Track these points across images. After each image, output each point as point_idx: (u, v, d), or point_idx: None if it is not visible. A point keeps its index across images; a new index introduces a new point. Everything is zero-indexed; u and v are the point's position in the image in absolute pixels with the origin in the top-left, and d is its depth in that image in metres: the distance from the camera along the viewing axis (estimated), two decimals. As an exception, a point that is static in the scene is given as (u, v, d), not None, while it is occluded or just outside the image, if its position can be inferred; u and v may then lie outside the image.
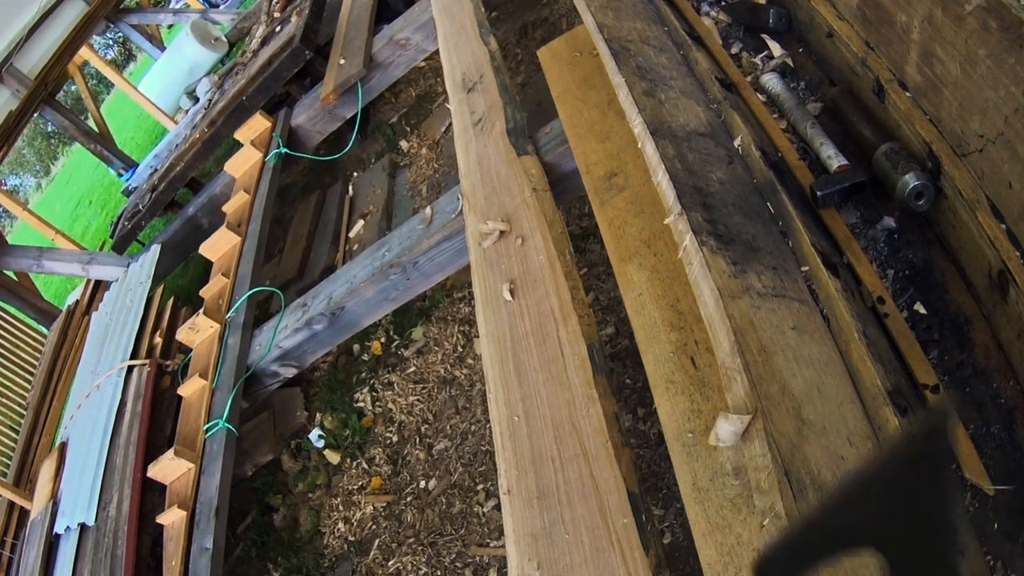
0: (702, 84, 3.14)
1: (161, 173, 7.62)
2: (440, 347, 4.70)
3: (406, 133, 6.86)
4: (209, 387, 4.50)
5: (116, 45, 33.39)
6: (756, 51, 3.45)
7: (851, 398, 1.98)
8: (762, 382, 1.90)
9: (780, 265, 2.33)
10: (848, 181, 2.61)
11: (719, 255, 2.24)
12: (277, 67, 6.42)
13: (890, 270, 2.45)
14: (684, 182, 2.48)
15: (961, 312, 2.27)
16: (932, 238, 2.46)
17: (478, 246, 3.24)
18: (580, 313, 2.66)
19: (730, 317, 2.03)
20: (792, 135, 2.96)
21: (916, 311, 2.34)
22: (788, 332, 2.10)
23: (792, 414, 1.86)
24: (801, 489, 1.70)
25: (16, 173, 37.81)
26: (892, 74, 2.65)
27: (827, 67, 3.11)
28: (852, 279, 2.42)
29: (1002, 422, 2.04)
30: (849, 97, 2.84)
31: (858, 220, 2.62)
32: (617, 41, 3.22)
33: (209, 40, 10.64)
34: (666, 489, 3.20)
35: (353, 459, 4.67)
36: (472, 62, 4.28)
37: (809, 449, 1.80)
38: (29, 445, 6.30)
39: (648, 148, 2.66)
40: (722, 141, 2.82)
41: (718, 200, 2.47)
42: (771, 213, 2.54)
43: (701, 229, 2.31)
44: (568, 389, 2.48)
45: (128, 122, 21.12)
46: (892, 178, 2.46)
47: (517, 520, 2.32)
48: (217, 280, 5.23)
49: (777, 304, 2.17)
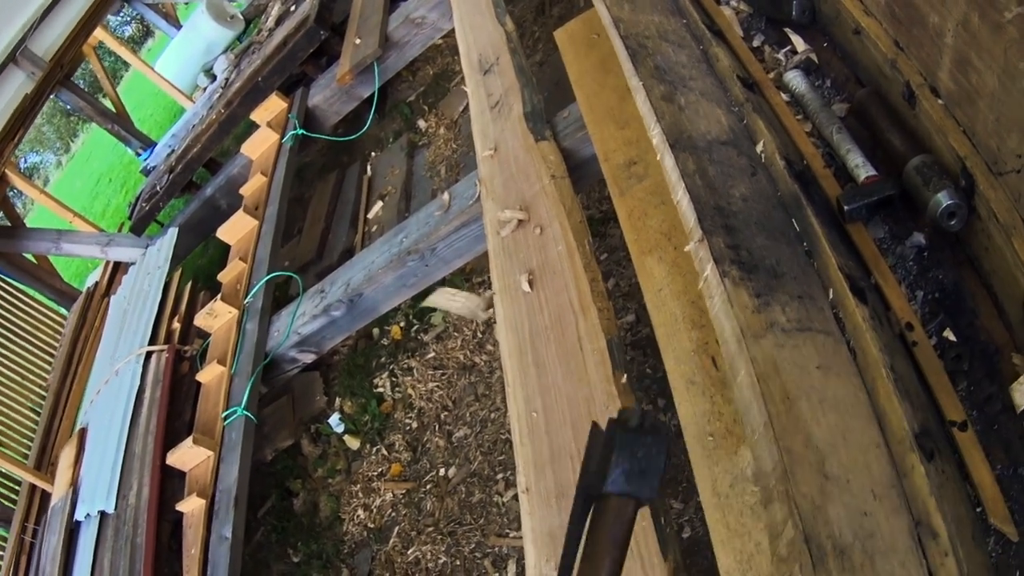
0: (723, 84, 3.02)
1: (179, 154, 7.61)
2: (460, 333, 4.67)
3: (424, 112, 6.79)
4: (228, 373, 4.50)
5: (133, 22, 33.38)
6: (779, 45, 3.34)
7: (876, 442, 1.89)
8: (785, 435, 1.81)
9: (805, 293, 2.22)
10: (876, 195, 2.47)
11: (741, 287, 2.14)
12: (292, 47, 6.38)
13: (919, 291, 2.35)
14: (705, 201, 2.38)
15: (992, 341, 2.16)
16: (964, 259, 2.33)
17: (496, 235, 3.20)
18: (600, 306, 2.61)
19: (753, 360, 1.95)
20: (817, 139, 2.84)
21: (946, 338, 2.24)
22: (813, 372, 2.01)
23: (815, 469, 1.78)
24: (822, 556, 1.63)
25: (36, 151, 37.92)
26: (923, 79, 2.50)
27: (854, 65, 2.96)
28: (880, 303, 2.34)
29: None
30: (877, 100, 2.71)
31: (886, 235, 2.51)
32: (634, 38, 3.12)
33: (225, 18, 10.61)
34: (686, 482, 3.15)
35: (373, 445, 4.65)
36: (488, 43, 4.21)
37: (832, 508, 1.72)
38: (50, 428, 6.33)
39: (667, 162, 2.55)
40: (744, 149, 2.71)
41: (740, 221, 2.36)
42: (796, 231, 2.42)
43: (723, 258, 2.21)
44: (587, 385, 2.44)
45: (146, 99, 21.08)
46: (924, 195, 2.33)
47: (535, 519, 2.29)
48: (235, 264, 5.21)
49: (802, 340, 2.06)
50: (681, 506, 3.13)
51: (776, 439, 1.79)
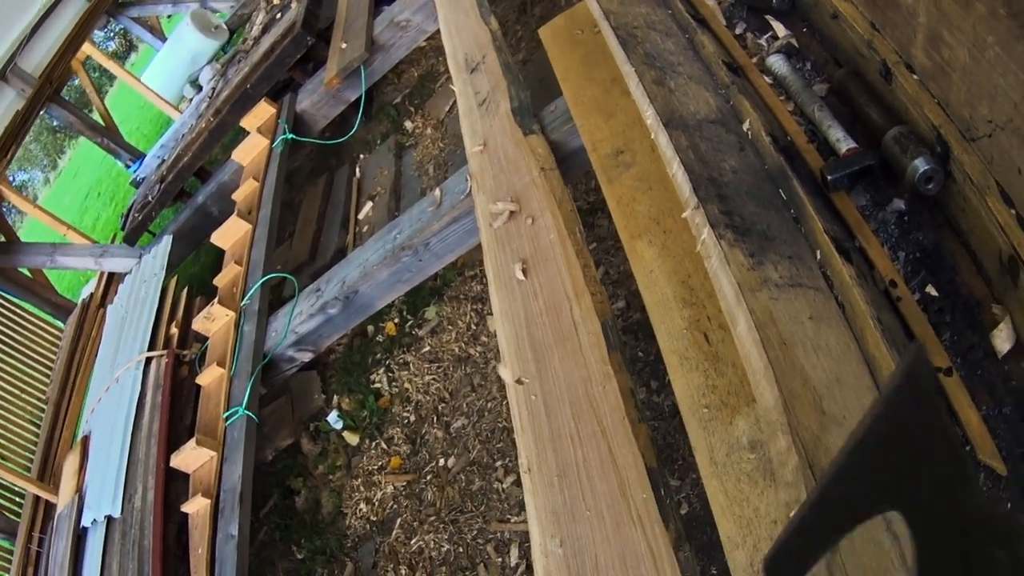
0: (709, 68, 3.14)
1: (169, 163, 7.66)
2: (454, 326, 4.74)
3: (410, 113, 6.86)
4: (227, 375, 4.55)
5: (116, 37, 33.34)
6: (761, 31, 3.45)
7: (869, 387, 2.01)
8: (784, 377, 1.93)
9: (795, 253, 2.35)
10: (857, 165, 2.61)
11: (736, 247, 2.27)
12: (280, 54, 6.44)
13: (901, 252, 2.46)
14: (699, 173, 2.50)
15: (972, 295, 2.28)
16: (942, 221, 2.46)
17: (489, 227, 3.27)
18: (592, 291, 2.68)
19: (751, 311, 2.06)
20: (800, 117, 2.96)
21: (928, 294, 2.35)
22: (806, 322, 2.13)
23: (814, 407, 1.89)
24: None
25: (24, 169, 37.86)
26: (899, 56, 2.63)
27: (833, 48, 3.09)
28: (864, 263, 2.44)
29: (1014, 404, 2.06)
30: (856, 79, 2.83)
31: (868, 202, 2.63)
32: (624, 28, 3.23)
33: (210, 28, 10.65)
34: (682, 460, 3.24)
35: (372, 440, 4.72)
36: (474, 42, 4.29)
37: (832, 441, 1.82)
38: (51, 439, 6.37)
39: (662, 140, 2.68)
40: (732, 127, 2.84)
41: (732, 190, 2.49)
42: (783, 200, 2.55)
43: (718, 222, 2.33)
44: (584, 366, 2.51)
45: (133, 113, 21.11)
46: (902, 162, 2.46)
47: (539, 498, 2.36)
48: (230, 268, 5.27)
49: (794, 294, 2.19)
50: (678, 483, 3.21)
51: (776, 379, 1.90)
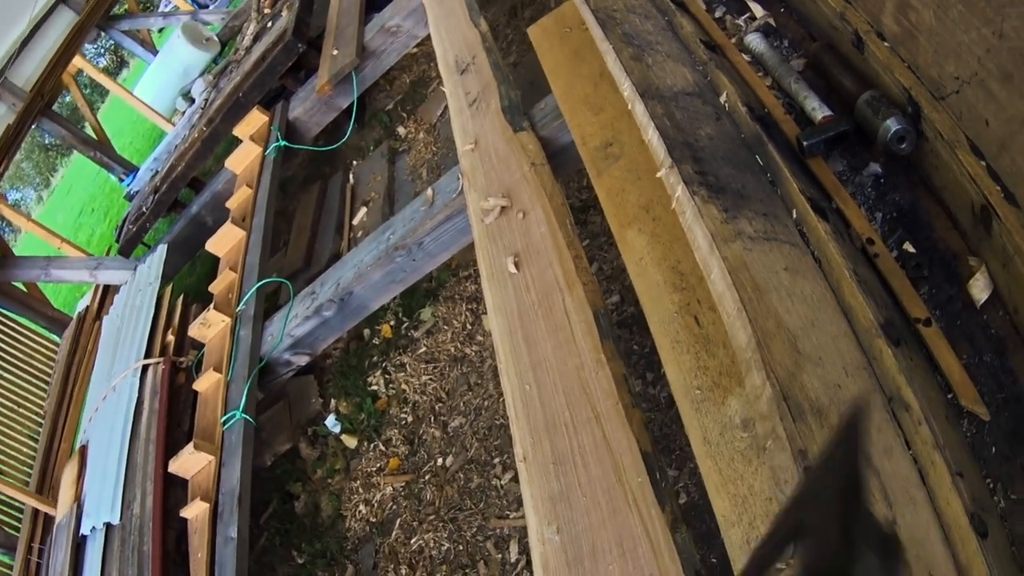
0: (687, 47, 3.20)
1: (163, 174, 7.67)
2: (449, 326, 4.76)
3: (403, 119, 6.90)
4: (224, 380, 4.56)
5: (107, 53, 33.40)
6: (739, 13, 3.49)
7: (845, 332, 2.05)
8: (757, 317, 1.96)
9: (770, 212, 2.40)
10: (833, 130, 2.66)
11: (711, 203, 2.31)
12: (271, 62, 6.46)
13: (878, 213, 2.50)
14: (674, 138, 2.56)
15: (949, 249, 2.33)
16: (917, 180, 2.51)
17: (480, 223, 3.29)
18: (584, 281, 2.71)
19: (724, 259, 2.09)
20: (777, 91, 3.01)
21: (905, 251, 2.39)
22: (781, 272, 2.17)
23: (788, 345, 1.93)
24: (800, 413, 1.76)
25: (16, 187, 37.88)
26: (870, 26, 2.71)
27: (808, 24, 3.17)
28: (842, 223, 2.48)
29: (994, 351, 2.09)
30: (830, 51, 2.90)
31: (845, 168, 2.67)
32: (603, 11, 3.28)
33: (201, 41, 10.69)
34: (679, 450, 3.25)
35: (370, 442, 4.73)
36: (464, 44, 4.32)
37: (806, 378, 1.86)
38: (49, 452, 6.37)
39: (638, 108, 2.74)
40: (709, 100, 2.89)
41: (707, 154, 2.54)
42: (760, 165, 2.61)
43: (692, 180, 2.38)
44: (577, 355, 2.53)
45: (125, 128, 21.12)
46: (874, 124, 2.52)
47: (535, 486, 2.37)
48: (225, 275, 5.28)
49: (769, 247, 2.23)
50: (676, 472, 3.23)
51: (750, 319, 1.93)
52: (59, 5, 9.02)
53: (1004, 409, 1.99)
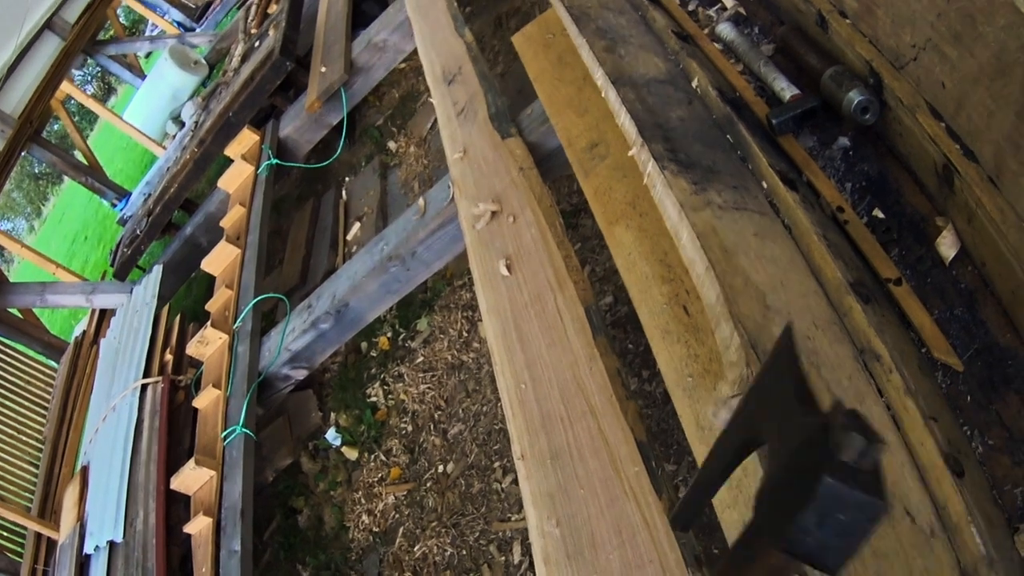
0: (660, 39, 3.27)
1: (156, 196, 7.70)
2: (446, 335, 4.80)
3: (393, 134, 6.95)
4: (223, 396, 4.59)
5: (95, 80, 33.48)
6: (711, 4, 3.55)
7: (815, 291, 2.11)
8: (725, 275, 2.01)
9: (740, 184, 2.46)
10: (800, 108, 2.72)
11: (680, 176, 2.38)
12: (260, 81, 6.50)
13: (848, 183, 2.56)
14: (644, 120, 2.62)
15: (917, 212, 2.38)
16: (884, 149, 2.58)
17: (472, 229, 3.33)
18: (575, 279, 2.75)
19: (693, 224, 2.15)
20: (748, 76, 3.07)
21: (875, 217, 2.44)
22: (750, 237, 2.22)
23: (757, 301, 1.98)
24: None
25: (7, 217, 37.89)
26: (832, 5, 2.79)
27: (776, 9, 3.24)
28: (812, 194, 2.54)
29: (964, 304, 2.14)
30: (796, 33, 2.97)
31: (815, 144, 2.74)
32: (577, 8, 3.36)
33: (189, 64, 10.72)
34: (676, 445, 3.29)
35: (371, 453, 4.77)
36: (450, 55, 4.36)
37: (775, 329, 1.90)
38: (50, 476, 6.38)
39: (611, 95, 2.80)
40: (681, 86, 2.95)
41: (678, 134, 2.61)
42: (730, 143, 2.69)
43: (662, 156, 2.44)
44: (570, 351, 2.57)
45: (115, 155, 21.17)
46: (838, 97, 2.59)
47: (533, 482, 2.40)
48: (221, 293, 5.32)
49: (739, 215, 2.29)
50: (674, 467, 3.27)
51: (717, 277, 1.98)
52: (44, 31, 9.06)
53: (977, 359, 2.04)
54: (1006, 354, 2.01)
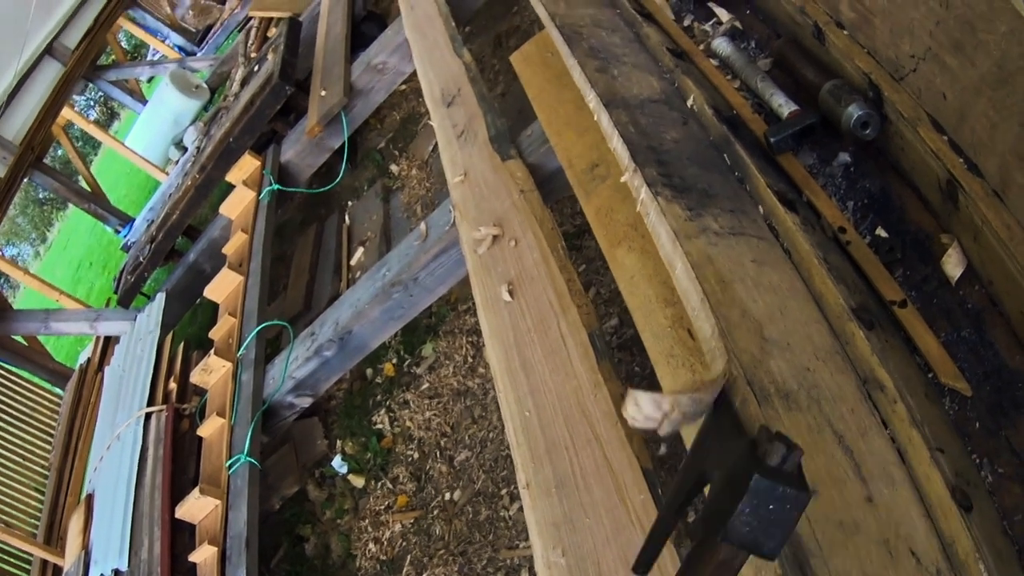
0: (654, 56, 3.24)
1: (158, 223, 7.68)
2: (451, 360, 4.76)
3: (395, 157, 6.93)
4: (228, 425, 4.56)
5: (97, 105, 33.59)
6: (706, 19, 3.53)
7: (816, 318, 2.06)
8: (721, 307, 1.96)
9: (738, 208, 2.42)
10: (799, 125, 2.67)
11: (675, 202, 2.33)
12: (260, 106, 6.48)
13: (850, 202, 2.52)
14: (637, 143, 2.57)
15: (921, 229, 2.34)
16: (886, 165, 2.53)
17: (473, 253, 3.30)
18: (578, 304, 2.71)
19: (687, 254, 2.10)
20: (746, 92, 3.03)
21: (878, 236, 2.40)
22: (747, 264, 2.18)
23: (754, 333, 1.93)
24: (765, 396, 1.76)
25: (12, 243, 37.97)
26: (829, 16, 2.75)
27: (772, 23, 3.21)
28: (812, 214, 2.50)
29: (972, 326, 2.09)
30: (793, 46, 2.92)
31: (815, 161, 2.69)
32: (569, 27, 3.32)
33: (190, 88, 10.72)
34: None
35: (377, 480, 4.73)
36: (448, 76, 4.34)
37: (773, 363, 1.86)
38: (56, 503, 6.37)
39: (603, 119, 2.76)
40: (676, 105, 2.92)
41: (672, 156, 2.56)
42: (727, 164, 2.64)
43: (655, 182, 2.39)
44: (574, 377, 2.53)
45: (119, 180, 21.20)
46: (837, 112, 2.54)
47: (538, 511, 2.37)
48: (225, 320, 5.29)
49: (735, 241, 2.25)
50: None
51: (712, 309, 1.93)
52: (45, 56, 9.06)
53: (986, 383, 1.99)
54: (1016, 377, 1.96)
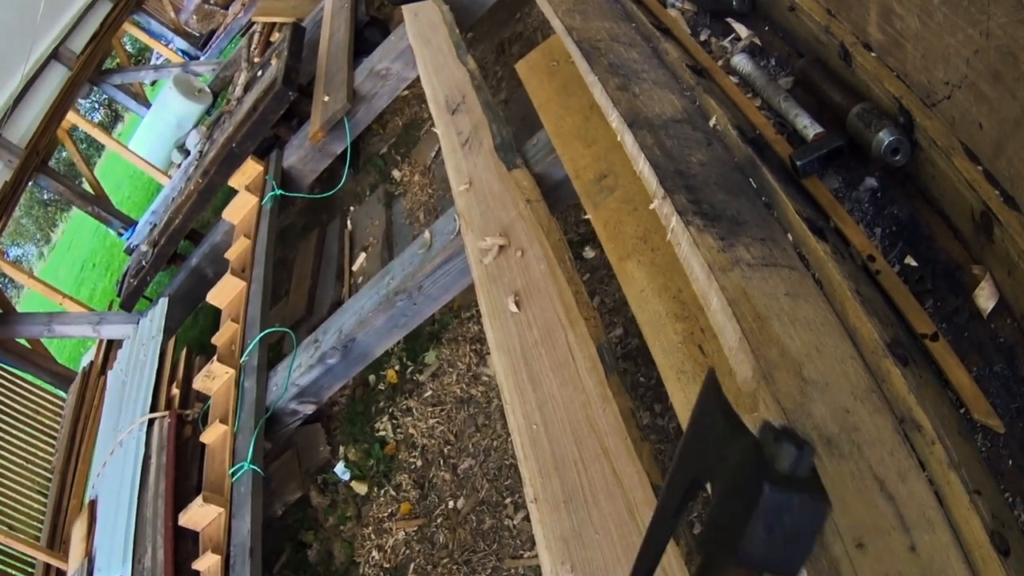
0: (674, 73, 3.20)
1: (161, 227, 7.67)
2: (454, 368, 4.75)
3: (397, 162, 6.92)
4: (231, 431, 4.54)
5: (101, 107, 33.61)
6: (724, 35, 3.50)
7: (851, 355, 2.02)
8: (760, 347, 1.94)
9: (768, 236, 2.38)
10: (825, 148, 2.62)
11: (706, 232, 2.28)
12: (263, 111, 6.47)
13: (877, 228, 2.48)
14: (665, 167, 2.53)
15: (952, 259, 2.29)
16: (915, 192, 2.48)
17: (479, 263, 3.28)
18: (586, 316, 2.70)
19: (723, 288, 2.07)
20: (767, 111, 2.99)
21: (907, 265, 2.36)
22: (782, 298, 2.14)
23: (794, 374, 1.90)
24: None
25: (17, 243, 38.01)
26: (856, 37, 2.70)
27: (794, 40, 3.15)
28: (840, 241, 2.46)
29: (1004, 361, 2.06)
30: (817, 66, 2.87)
31: (841, 185, 2.65)
32: (587, 42, 3.28)
33: (193, 92, 10.70)
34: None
35: (380, 487, 4.71)
36: (453, 83, 4.33)
37: (814, 407, 1.83)
38: (59, 507, 6.36)
39: (627, 140, 2.72)
40: (699, 125, 2.88)
41: (700, 181, 2.52)
42: (754, 188, 2.59)
43: (686, 210, 2.35)
44: (582, 391, 2.52)
45: (122, 183, 21.24)
46: (867, 137, 2.49)
47: (547, 526, 2.35)
48: (228, 326, 5.27)
49: (768, 273, 2.21)
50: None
51: (752, 349, 1.90)
52: (51, 61, 9.08)
53: (1019, 419, 1.96)
54: (1050, 415, 1.94)
